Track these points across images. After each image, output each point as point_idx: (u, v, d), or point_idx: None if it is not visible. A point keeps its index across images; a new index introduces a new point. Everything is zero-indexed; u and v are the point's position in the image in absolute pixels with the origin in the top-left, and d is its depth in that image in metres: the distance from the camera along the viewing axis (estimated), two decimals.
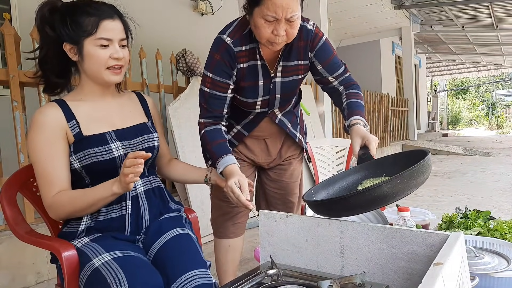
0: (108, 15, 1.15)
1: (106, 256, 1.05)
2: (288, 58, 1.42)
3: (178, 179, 1.44)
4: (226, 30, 1.39)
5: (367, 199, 0.89)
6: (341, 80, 1.49)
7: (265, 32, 1.25)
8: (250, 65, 1.40)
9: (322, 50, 1.43)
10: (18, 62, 2.23)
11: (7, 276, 2.08)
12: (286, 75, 1.44)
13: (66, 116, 1.15)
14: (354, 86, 1.48)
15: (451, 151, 8.55)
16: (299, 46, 1.41)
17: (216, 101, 1.41)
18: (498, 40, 10.51)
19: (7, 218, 1.23)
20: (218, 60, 1.36)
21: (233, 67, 1.37)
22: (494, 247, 1.25)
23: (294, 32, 1.29)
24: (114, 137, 1.18)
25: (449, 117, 24.14)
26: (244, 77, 1.40)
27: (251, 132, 1.54)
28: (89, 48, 1.13)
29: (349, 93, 1.45)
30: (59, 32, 1.13)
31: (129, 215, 1.18)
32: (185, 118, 3.02)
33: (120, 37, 1.17)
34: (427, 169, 0.94)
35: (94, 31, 1.12)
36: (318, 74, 1.49)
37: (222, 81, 1.38)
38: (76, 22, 1.12)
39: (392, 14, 8.37)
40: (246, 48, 1.37)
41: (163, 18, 5.09)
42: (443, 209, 3.35)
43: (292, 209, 1.71)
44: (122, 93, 1.33)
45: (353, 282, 0.83)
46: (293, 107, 1.61)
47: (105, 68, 1.16)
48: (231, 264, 1.66)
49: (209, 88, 1.40)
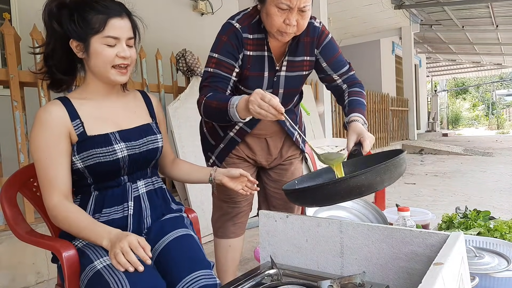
0: (116, 13, 1.14)
1: (108, 259, 1.04)
2: (294, 53, 1.44)
3: (182, 178, 1.44)
4: (235, 17, 1.41)
5: (342, 189, 0.96)
6: (345, 78, 1.51)
7: (277, 21, 1.27)
8: (257, 55, 1.41)
9: (327, 47, 1.46)
10: (18, 62, 2.23)
11: (7, 276, 2.08)
12: (291, 70, 1.45)
13: (70, 115, 1.14)
14: (358, 85, 1.50)
15: (451, 151, 8.55)
16: (306, 42, 1.43)
17: (219, 80, 1.38)
18: (498, 40, 10.51)
19: (7, 218, 1.23)
20: (225, 41, 1.37)
21: (240, 51, 1.38)
22: (494, 247, 1.25)
23: (305, 24, 1.31)
24: (118, 138, 1.17)
25: (449, 117, 24.15)
26: (249, 66, 1.41)
27: (253, 130, 1.53)
28: (96, 45, 1.12)
29: (352, 91, 1.47)
30: (66, 28, 1.12)
31: (131, 216, 1.18)
32: (185, 118, 3.02)
33: (127, 36, 1.16)
34: (401, 165, 1.03)
35: (101, 29, 1.11)
36: (323, 71, 1.50)
37: (227, 61, 1.37)
38: (84, 19, 1.11)
39: (392, 14, 8.37)
40: (254, 37, 1.39)
41: (163, 18, 5.09)
42: (443, 209, 3.35)
43: (293, 209, 1.71)
44: (127, 92, 1.32)
45: (353, 282, 0.83)
46: (294, 106, 1.62)
47: (111, 66, 1.14)
48: (231, 264, 1.66)
49: (214, 68, 1.38)
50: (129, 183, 1.21)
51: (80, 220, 1.09)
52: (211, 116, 1.37)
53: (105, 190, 1.18)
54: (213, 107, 1.30)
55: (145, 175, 1.26)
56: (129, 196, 1.19)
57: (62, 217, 1.09)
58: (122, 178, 1.20)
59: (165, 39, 4.71)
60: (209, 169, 1.39)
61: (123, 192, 1.19)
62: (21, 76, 2.23)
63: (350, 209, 1.66)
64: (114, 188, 1.18)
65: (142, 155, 1.21)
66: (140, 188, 1.23)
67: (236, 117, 1.22)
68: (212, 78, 1.38)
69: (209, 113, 1.35)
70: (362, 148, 1.23)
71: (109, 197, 1.18)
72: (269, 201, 1.70)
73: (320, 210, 1.59)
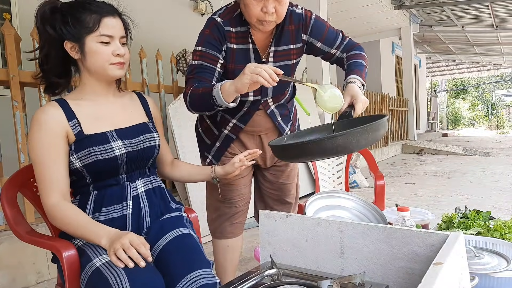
0: (109, 12, 1.16)
1: (107, 256, 1.05)
2: (279, 43, 1.43)
3: (183, 179, 1.45)
4: (217, 12, 1.43)
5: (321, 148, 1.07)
6: (342, 48, 1.51)
7: (254, 10, 1.28)
8: (241, 48, 1.41)
9: (316, 27, 1.46)
10: (18, 62, 2.23)
11: (7, 276, 2.08)
12: (278, 60, 1.45)
13: (67, 115, 1.15)
14: (356, 48, 1.51)
15: (450, 151, 8.56)
16: (291, 30, 1.43)
17: (204, 71, 1.38)
18: (498, 40, 10.51)
19: (8, 218, 1.23)
20: (208, 34, 1.38)
21: (223, 43, 1.39)
22: (493, 247, 1.25)
23: (283, 10, 1.31)
24: (115, 136, 1.18)
25: (448, 117, 24.15)
26: (234, 59, 1.41)
27: (246, 127, 1.53)
28: (91, 44, 1.14)
29: (350, 55, 1.48)
30: (59, 31, 1.13)
31: (130, 215, 1.19)
32: (185, 118, 3.02)
33: (120, 34, 1.18)
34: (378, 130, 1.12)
35: (96, 27, 1.13)
36: (320, 51, 1.51)
37: (211, 53, 1.38)
38: (77, 20, 1.13)
39: (392, 14, 8.38)
40: (237, 30, 1.40)
41: (163, 18, 5.09)
42: (443, 209, 3.35)
43: (289, 209, 1.71)
44: (123, 93, 1.33)
45: (353, 282, 0.83)
46: (287, 101, 1.61)
47: (109, 64, 1.16)
48: (230, 264, 1.66)
49: (198, 60, 1.39)
50: (128, 182, 1.21)
51: (79, 220, 1.09)
52: (195, 103, 1.34)
53: (103, 189, 1.19)
54: (199, 93, 1.30)
55: (143, 174, 1.26)
56: (128, 195, 1.19)
57: (60, 217, 1.10)
58: (121, 176, 1.20)
59: (165, 40, 4.71)
60: (208, 169, 1.40)
61: (121, 191, 1.19)
62: (22, 76, 2.23)
63: (350, 209, 1.66)
64: (113, 187, 1.19)
65: (139, 153, 1.22)
66: (139, 187, 1.23)
67: (219, 97, 1.21)
68: (197, 69, 1.38)
69: (194, 100, 1.33)
70: (353, 111, 1.24)
71: (108, 196, 1.18)
72: (265, 202, 1.70)
73: (320, 210, 1.59)
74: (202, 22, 1.45)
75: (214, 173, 1.37)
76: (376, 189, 2.17)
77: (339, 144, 1.05)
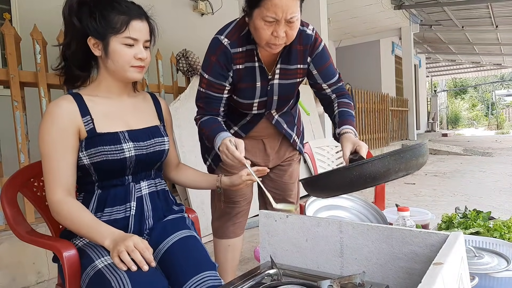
0: (138, 15, 1.15)
1: (109, 258, 1.04)
2: (288, 62, 1.42)
3: (187, 185, 1.44)
4: (223, 31, 1.39)
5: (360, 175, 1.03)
6: (334, 88, 1.51)
7: (265, 34, 1.25)
8: (247, 67, 1.40)
9: (320, 56, 1.45)
10: (18, 62, 2.23)
11: (7, 276, 2.08)
12: (284, 78, 1.45)
13: (81, 111, 1.14)
14: (347, 96, 1.51)
15: (450, 151, 8.56)
16: (299, 50, 1.42)
17: (212, 101, 1.43)
18: (498, 40, 10.51)
19: (8, 218, 1.23)
20: (214, 62, 1.37)
21: (229, 69, 1.38)
22: (493, 247, 1.25)
23: (294, 34, 1.29)
24: (127, 137, 1.18)
25: (448, 117, 24.14)
26: (241, 78, 1.41)
27: (248, 133, 1.54)
28: (115, 45, 1.13)
29: (341, 102, 1.47)
30: (85, 25, 1.13)
31: (133, 216, 1.18)
32: (185, 118, 3.02)
33: (145, 38, 1.18)
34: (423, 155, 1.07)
35: (123, 29, 1.12)
36: (313, 78, 1.50)
37: (217, 82, 1.39)
38: (104, 18, 1.12)
39: (392, 14, 8.38)
40: (243, 50, 1.38)
41: (163, 18, 5.03)
42: (443, 209, 3.35)
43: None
44: (137, 93, 1.32)
45: (353, 282, 0.83)
46: (290, 108, 1.62)
47: (129, 66, 1.16)
48: (231, 263, 1.66)
49: (205, 88, 1.42)
50: (133, 183, 1.21)
51: (83, 218, 1.09)
52: (203, 137, 1.53)
53: (108, 189, 1.18)
54: (205, 135, 1.42)
55: (149, 176, 1.26)
56: (132, 196, 1.19)
57: (65, 213, 1.09)
58: (127, 177, 1.20)
59: (165, 40, 4.68)
60: (214, 178, 1.39)
61: (126, 192, 1.19)
62: (22, 76, 2.23)
63: (350, 209, 1.66)
64: (117, 187, 1.18)
65: (148, 156, 1.22)
66: (143, 189, 1.23)
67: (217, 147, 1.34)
68: (206, 100, 1.44)
69: (201, 135, 1.53)
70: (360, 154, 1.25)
71: (112, 197, 1.18)
72: (267, 201, 1.70)
73: (320, 210, 1.60)
74: (202, 22, 1.44)
75: (220, 183, 1.36)
76: (376, 189, 2.17)
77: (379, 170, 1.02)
